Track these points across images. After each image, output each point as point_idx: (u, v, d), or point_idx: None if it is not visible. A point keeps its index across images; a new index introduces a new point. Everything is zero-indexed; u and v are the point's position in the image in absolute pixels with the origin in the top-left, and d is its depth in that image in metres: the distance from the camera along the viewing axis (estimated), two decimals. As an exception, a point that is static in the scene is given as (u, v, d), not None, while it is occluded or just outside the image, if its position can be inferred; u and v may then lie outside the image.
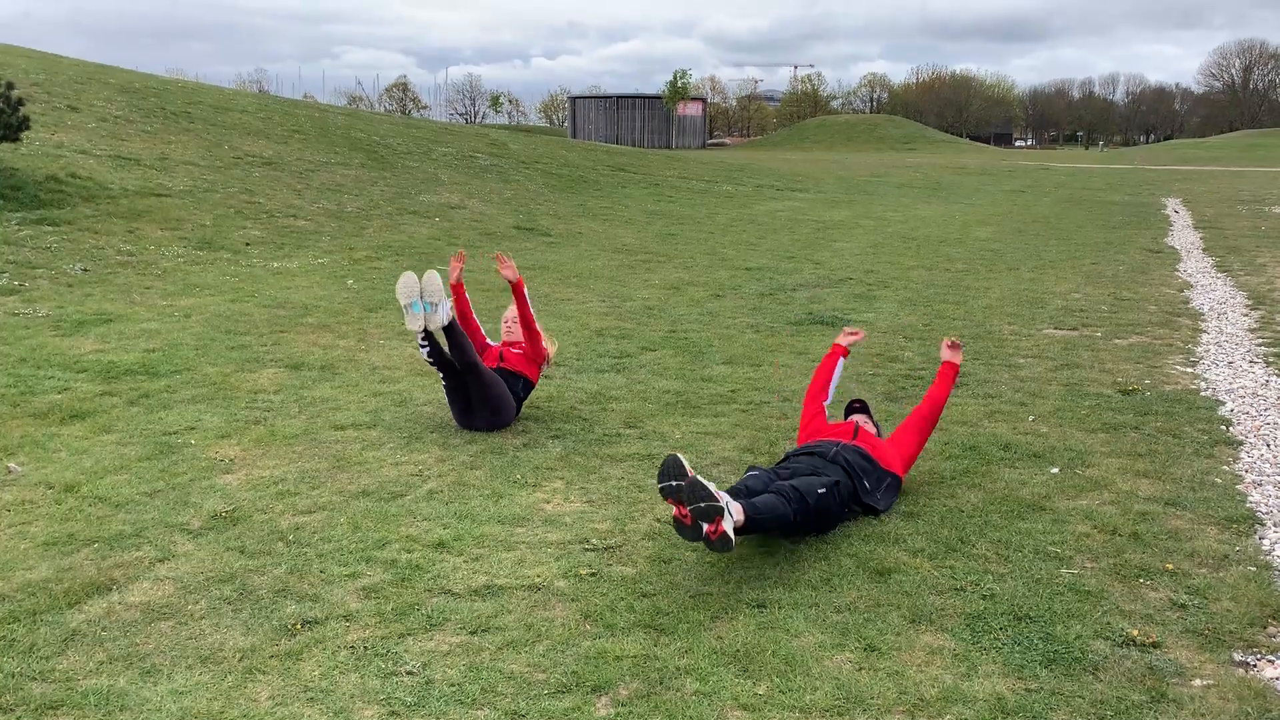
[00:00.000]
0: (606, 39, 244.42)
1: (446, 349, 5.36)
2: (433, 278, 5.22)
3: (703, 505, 3.55)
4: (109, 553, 3.84)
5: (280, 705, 2.88)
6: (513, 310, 5.79)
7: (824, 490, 4.00)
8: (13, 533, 4.01)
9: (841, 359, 5.11)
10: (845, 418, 4.94)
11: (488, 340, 5.85)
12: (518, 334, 5.72)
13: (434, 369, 5.47)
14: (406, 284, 5.20)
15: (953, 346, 5.04)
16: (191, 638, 3.25)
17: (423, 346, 5.35)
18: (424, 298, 5.17)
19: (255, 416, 5.62)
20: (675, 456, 3.65)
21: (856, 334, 5.23)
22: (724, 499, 3.58)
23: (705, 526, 3.56)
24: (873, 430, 4.80)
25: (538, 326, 5.69)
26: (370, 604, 3.48)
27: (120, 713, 2.83)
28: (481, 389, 5.35)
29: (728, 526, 3.54)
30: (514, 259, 5.74)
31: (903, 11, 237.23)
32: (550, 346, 5.81)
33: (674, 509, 3.64)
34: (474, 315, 5.82)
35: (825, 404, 4.97)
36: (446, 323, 5.22)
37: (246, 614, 3.40)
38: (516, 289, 5.61)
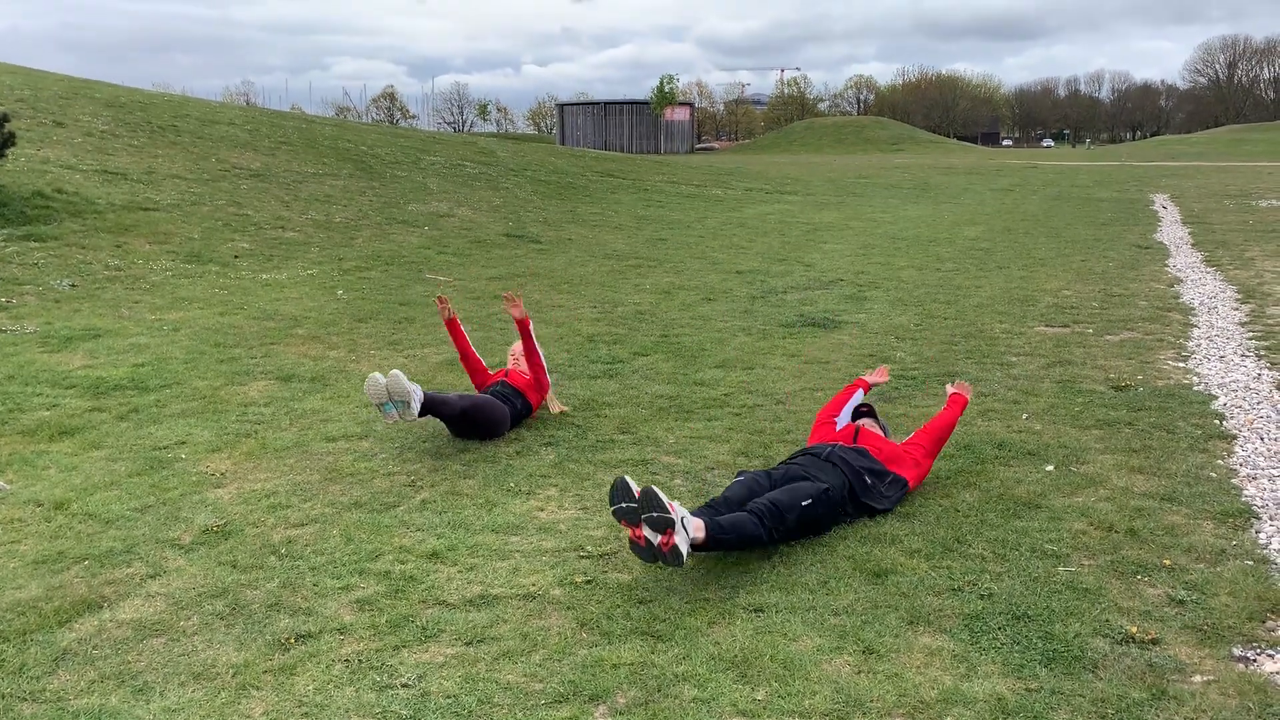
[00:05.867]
0: (599, 45, 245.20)
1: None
2: (397, 378, 5.00)
3: (655, 515, 3.52)
4: (99, 570, 3.81)
5: (274, 721, 2.85)
6: (519, 345, 5.89)
7: (809, 502, 3.96)
8: (2, 551, 3.97)
9: (861, 391, 5.17)
10: (852, 420, 4.92)
11: (488, 371, 5.95)
12: (524, 367, 5.81)
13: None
14: (373, 387, 5.00)
15: (960, 388, 5.08)
16: (184, 654, 3.21)
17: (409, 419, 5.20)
18: (392, 398, 5.00)
19: (246, 429, 5.58)
20: (623, 479, 3.63)
21: (883, 375, 5.40)
22: (679, 513, 3.55)
23: (658, 538, 3.52)
24: (877, 431, 4.76)
25: (542, 361, 5.76)
26: (364, 616, 3.45)
27: (112, 732, 2.80)
28: (480, 419, 5.35)
29: (679, 540, 3.50)
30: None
31: (896, 12, 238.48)
32: (554, 403, 5.91)
33: (629, 531, 3.62)
34: (473, 350, 5.90)
35: (836, 429, 4.89)
36: (419, 414, 5.06)
37: (239, 629, 3.37)
38: (523, 326, 5.71)
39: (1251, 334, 8.09)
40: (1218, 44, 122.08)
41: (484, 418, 5.34)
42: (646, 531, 3.56)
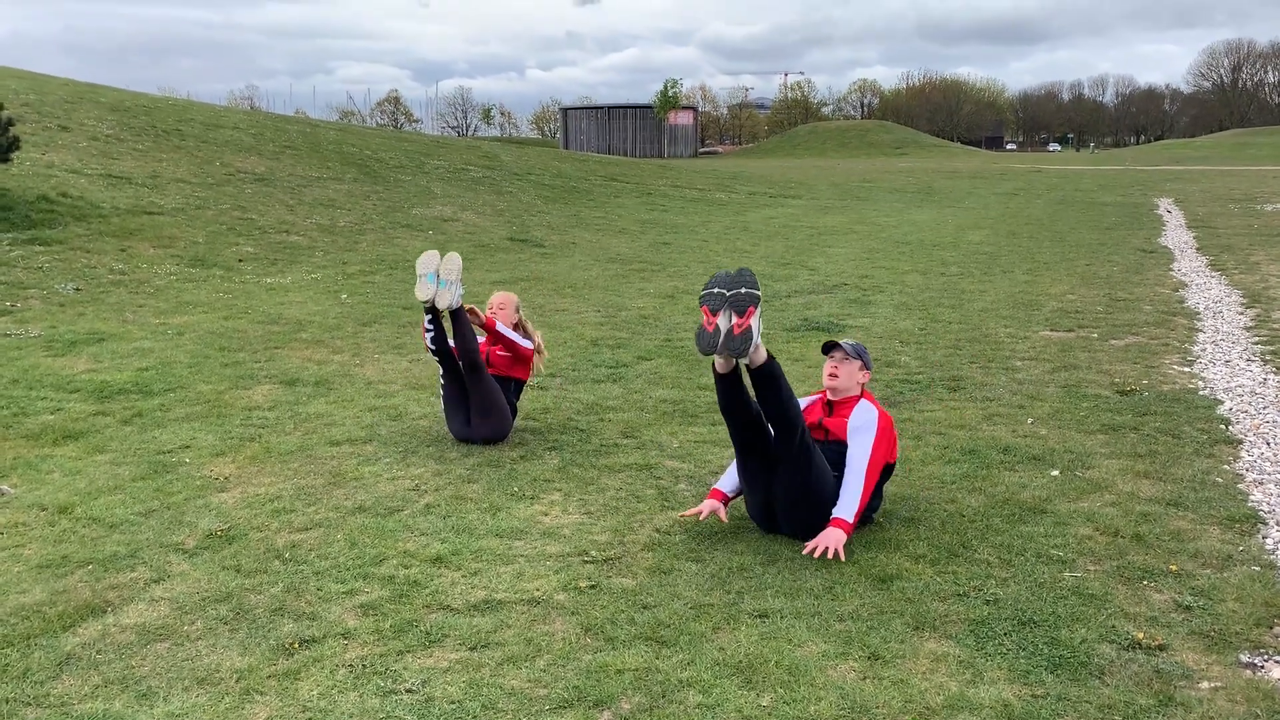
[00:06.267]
0: (603, 49, 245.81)
1: (451, 340, 5.34)
2: (454, 258, 5.30)
3: (743, 291, 3.60)
4: (103, 574, 3.80)
5: (278, 726, 2.84)
6: (498, 296, 5.74)
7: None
8: (5, 556, 3.97)
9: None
10: (824, 353, 4.38)
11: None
12: (503, 317, 5.61)
13: (436, 361, 5.46)
14: (428, 257, 5.26)
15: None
16: (188, 659, 3.21)
17: (428, 331, 5.33)
18: (440, 274, 5.23)
19: (250, 434, 5.58)
20: (725, 270, 3.72)
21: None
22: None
23: (732, 321, 3.57)
24: (847, 374, 4.23)
25: (519, 340, 5.56)
26: (368, 621, 3.44)
27: (116, 737, 2.79)
28: (480, 391, 5.32)
29: (754, 324, 3.57)
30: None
31: (900, 16, 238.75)
32: (539, 352, 5.78)
33: (704, 318, 3.69)
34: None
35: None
36: (455, 305, 5.26)
37: (243, 634, 3.36)
38: (488, 327, 5.46)
39: (1257, 338, 8.08)
40: (1222, 48, 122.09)
41: (493, 399, 5.33)
42: (721, 318, 3.63)
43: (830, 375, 4.25)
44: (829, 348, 4.32)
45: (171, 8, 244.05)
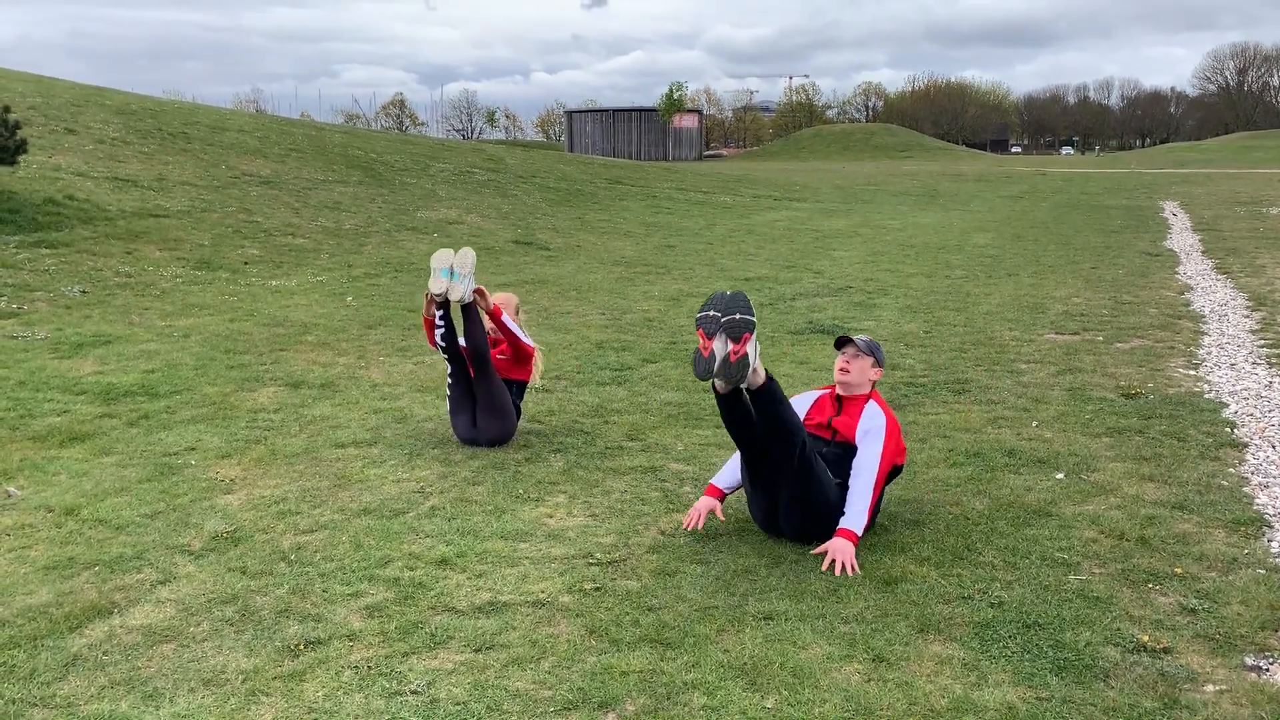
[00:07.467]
0: (609, 52, 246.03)
1: (461, 338, 5.39)
2: (467, 253, 5.37)
3: (738, 317, 3.53)
4: (110, 576, 3.82)
5: (284, 727, 2.85)
6: (499, 297, 5.72)
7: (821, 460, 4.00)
8: (12, 557, 3.99)
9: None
10: (836, 348, 4.35)
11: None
12: (501, 335, 5.59)
13: (444, 359, 5.48)
14: (443, 253, 5.35)
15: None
16: (194, 660, 3.22)
17: (438, 327, 5.35)
18: (455, 268, 5.30)
19: (255, 436, 5.59)
20: (722, 291, 3.67)
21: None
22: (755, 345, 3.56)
23: (728, 348, 3.50)
24: (859, 370, 4.19)
25: (520, 334, 5.58)
26: (373, 623, 3.45)
27: (122, 738, 2.80)
28: (487, 389, 5.33)
29: (750, 350, 3.49)
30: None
31: (907, 19, 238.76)
32: (537, 359, 5.80)
33: (700, 342, 3.65)
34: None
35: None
36: (468, 299, 5.31)
37: (249, 635, 3.37)
38: (494, 316, 5.47)
39: (1263, 341, 8.07)
40: (1227, 51, 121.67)
41: (500, 398, 5.34)
42: (717, 343, 3.56)
43: (841, 370, 4.21)
44: (841, 343, 4.28)
45: (176, 11, 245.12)
